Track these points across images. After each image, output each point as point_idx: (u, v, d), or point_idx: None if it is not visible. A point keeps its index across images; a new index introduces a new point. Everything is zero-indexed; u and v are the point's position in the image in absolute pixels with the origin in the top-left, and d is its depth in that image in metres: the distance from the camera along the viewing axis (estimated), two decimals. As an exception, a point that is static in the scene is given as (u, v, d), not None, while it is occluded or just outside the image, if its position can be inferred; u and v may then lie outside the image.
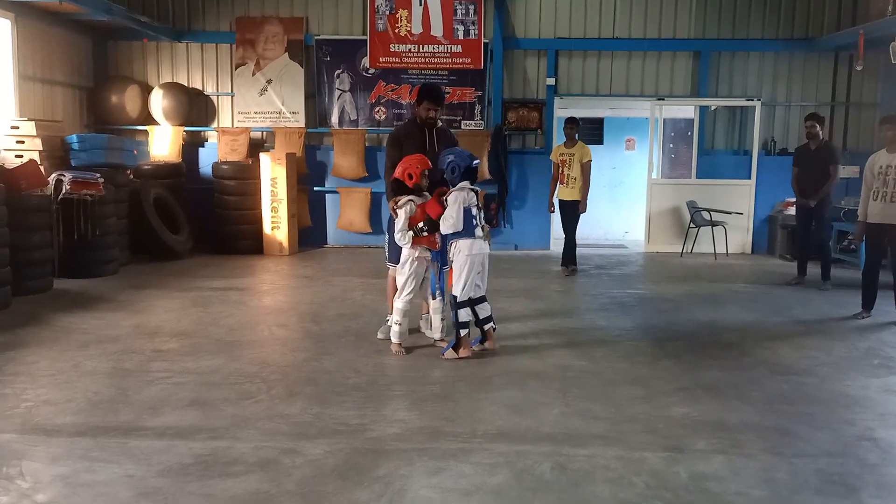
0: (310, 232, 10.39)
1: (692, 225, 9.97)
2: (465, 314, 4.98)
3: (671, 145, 11.58)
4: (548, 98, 10.37)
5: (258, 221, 9.75)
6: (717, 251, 9.90)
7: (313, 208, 10.46)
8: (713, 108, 10.47)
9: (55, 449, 3.49)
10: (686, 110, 10.91)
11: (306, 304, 6.69)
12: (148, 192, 9.09)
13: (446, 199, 4.98)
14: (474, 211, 4.97)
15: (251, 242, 9.78)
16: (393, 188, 5.23)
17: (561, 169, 8.43)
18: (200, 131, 10.56)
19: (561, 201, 8.50)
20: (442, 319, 5.32)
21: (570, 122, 8.40)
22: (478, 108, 10.36)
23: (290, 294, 7.25)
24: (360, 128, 10.38)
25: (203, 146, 10.60)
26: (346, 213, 10.40)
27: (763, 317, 6.38)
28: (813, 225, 7.71)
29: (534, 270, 8.71)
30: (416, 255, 5.14)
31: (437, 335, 5.36)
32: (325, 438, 3.62)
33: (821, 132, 7.64)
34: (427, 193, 5.20)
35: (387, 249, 5.56)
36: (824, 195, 7.49)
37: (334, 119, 10.45)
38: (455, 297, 4.99)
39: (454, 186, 4.99)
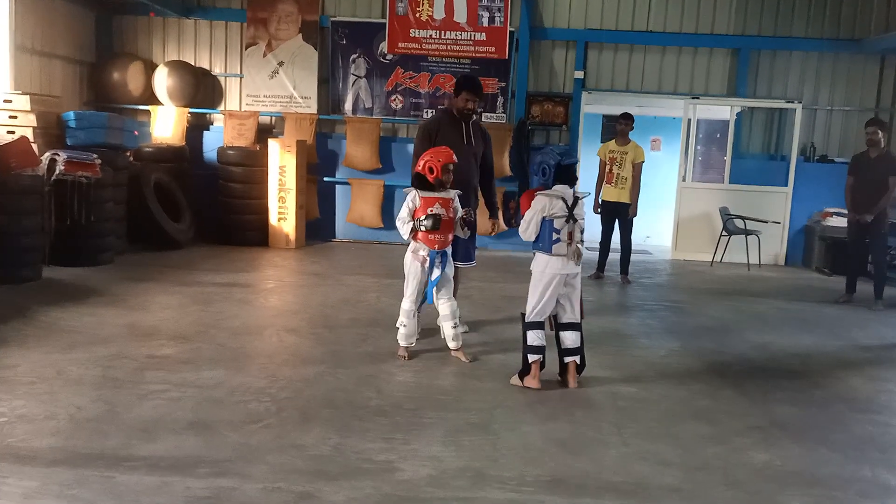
0: (318, 225, 9.81)
1: (724, 233, 9.39)
2: (534, 337, 4.29)
3: (699, 147, 10.99)
4: (575, 92, 9.78)
5: (264, 212, 9.17)
6: (749, 262, 9.32)
7: (322, 200, 9.87)
8: (738, 109, 9.88)
9: (27, 482, 2.91)
10: (717, 111, 10.32)
11: (317, 307, 6.11)
12: (148, 176, 8.49)
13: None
14: (559, 223, 4.24)
15: (256, 234, 9.20)
16: (413, 182, 4.68)
17: (609, 167, 7.86)
18: (206, 114, 9.96)
19: (606, 203, 7.93)
20: (453, 327, 4.75)
21: (626, 119, 7.85)
22: (500, 100, 9.76)
23: (299, 294, 6.67)
24: (374, 116, 9.79)
25: (208, 129, 10.01)
26: (357, 206, 9.81)
27: (821, 340, 5.81)
28: (867, 241, 7.13)
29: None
30: (413, 250, 4.65)
31: (451, 344, 4.80)
32: (348, 479, 3.05)
33: (883, 139, 7.05)
34: (451, 190, 4.65)
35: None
36: (882, 209, 6.90)
37: (348, 106, 9.85)
38: (523, 316, 4.37)
39: (548, 190, 4.32)
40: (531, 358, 4.30)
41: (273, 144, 9.06)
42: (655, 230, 11.47)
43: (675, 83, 9.81)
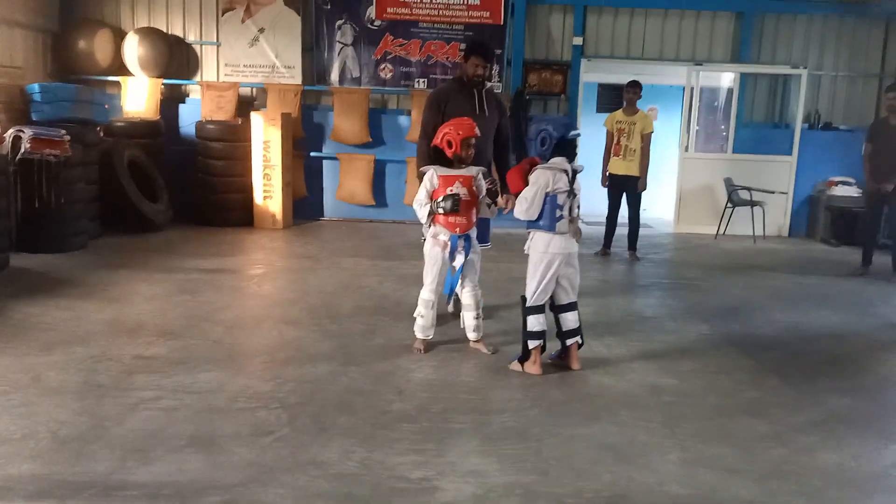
0: (305, 203, 9.28)
1: (729, 205, 9.06)
2: (534, 322, 3.99)
3: (701, 116, 10.62)
4: (573, 60, 9.31)
5: (248, 190, 8.64)
6: (755, 234, 9.01)
7: (309, 176, 9.34)
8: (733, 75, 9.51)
9: (5, 521, 2.47)
10: (716, 78, 9.91)
11: (316, 294, 5.65)
12: (122, 153, 7.91)
13: (530, 176, 3.96)
14: (561, 199, 3.92)
15: (240, 214, 8.67)
16: (429, 156, 4.24)
17: (617, 139, 7.44)
18: (181, 85, 9.32)
19: (613, 176, 7.52)
20: (476, 318, 4.35)
21: (633, 86, 7.41)
22: (496, 68, 9.26)
23: (294, 279, 6.19)
24: (363, 87, 9.24)
25: (184, 102, 9.38)
26: (346, 182, 9.30)
27: (850, 318, 5.51)
28: (886, 211, 6.83)
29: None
30: (433, 235, 4.20)
31: (471, 335, 4.40)
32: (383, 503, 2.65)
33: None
34: (473, 166, 4.22)
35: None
36: (903, 178, 6.60)
37: (334, 76, 9.28)
38: (524, 300, 4.01)
39: (545, 162, 3.96)
40: (532, 344, 4.00)
41: (256, 118, 8.50)
42: (652, 202, 11.08)
43: (678, 49, 9.39)
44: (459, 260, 4.21)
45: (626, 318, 5.28)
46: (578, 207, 4.07)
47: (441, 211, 4.07)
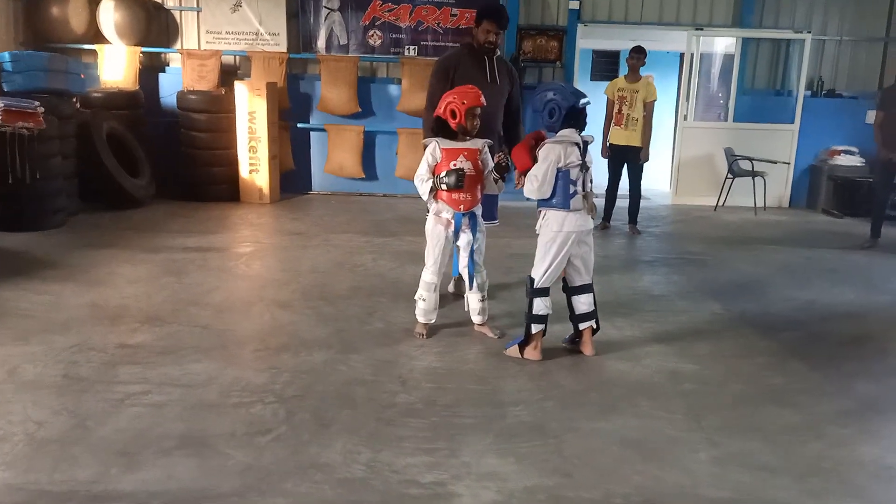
0: (292, 176, 8.94)
1: (729, 175, 8.83)
2: (541, 305, 3.76)
3: (700, 84, 10.32)
4: (569, 25, 8.96)
5: (233, 163, 8.28)
6: (754, 205, 8.80)
7: (296, 149, 8.98)
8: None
9: (-24, 542, 2.21)
10: (717, 44, 9.61)
11: (308, 274, 5.37)
12: (100, 125, 7.52)
13: (538, 151, 3.70)
14: (574, 173, 3.66)
15: (225, 188, 8.32)
16: (433, 127, 3.95)
17: (618, 107, 7.14)
18: (161, 53, 8.90)
19: (614, 146, 7.23)
20: (481, 300, 4.11)
21: (638, 52, 7.08)
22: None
23: (284, 258, 5.89)
24: (351, 54, 8.86)
25: (164, 71, 8.95)
26: (335, 154, 8.96)
27: (865, 295, 5.31)
28: (896, 181, 6.64)
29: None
30: (436, 212, 3.92)
31: (476, 318, 4.16)
32: (395, 513, 2.42)
33: (916, 71, 6.47)
34: (478, 139, 3.95)
35: None
36: (916, 147, 6.38)
37: (321, 43, 8.88)
38: (532, 282, 3.77)
39: (554, 134, 3.69)
40: (535, 328, 3.77)
41: (240, 88, 8.12)
42: (647, 173, 10.85)
43: (678, 13, 9.05)
44: (464, 239, 3.95)
45: (634, 297, 5.06)
46: (591, 181, 3.82)
47: (444, 187, 3.80)
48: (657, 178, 10.22)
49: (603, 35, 9.73)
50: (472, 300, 4.11)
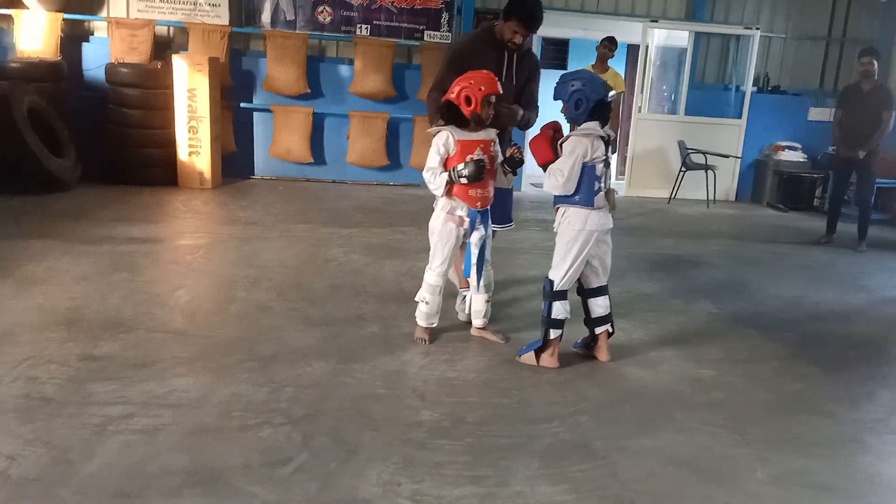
0: (234, 159, 8.35)
1: (683, 168, 8.88)
2: (560, 309, 3.53)
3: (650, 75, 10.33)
4: (527, 10, 8.72)
5: (170, 144, 7.64)
6: (707, 198, 8.89)
7: (238, 130, 8.40)
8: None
9: None
10: (669, 37, 9.63)
11: (277, 269, 4.93)
12: (20, 99, 6.73)
13: (561, 145, 3.43)
14: (600, 169, 3.44)
15: (161, 171, 7.67)
16: (441, 113, 3.59)
17: None
18: (84, 20, 8.08)
19: None
20: (486, 301, 3.83)
21: (610, 42, 6.92)
22: (445, 16, 8.57)
23: (246, 251, 5.38)
24: (299, 31, 8.32)
25: (88, 41, 8.15)
26: (281, 137, 8.43)
27: (842, 292, 5.36)
28: (854, 178, 6.76)
29: (524, 220, 7.28)
30: (448, 210, 3.61)
31: (478, 321, 3.89)
32: (463, 560, 2.12)
33: (876, 71, 6.58)
34: (490, 130, 3.64)
35: None
36: (874, 145, 6.50)
37: (266, 18, 8.30)
38: (551, 284, 3.52)
39: (578, 127, 3.44)
40: (553, 333, 3.54)
41: (179, 62, 7.46)
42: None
43: (633, 4, 9.00)
44: (476, 235, 3.66)
45: (628, 297, 4.89)
46: (610, 178, 3.62)
47: (463, 180, 3.47)
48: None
49: (552, 22, 9.51)
50: (477, 302, 3.82)
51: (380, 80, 8.34)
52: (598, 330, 3.68)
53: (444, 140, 3.51)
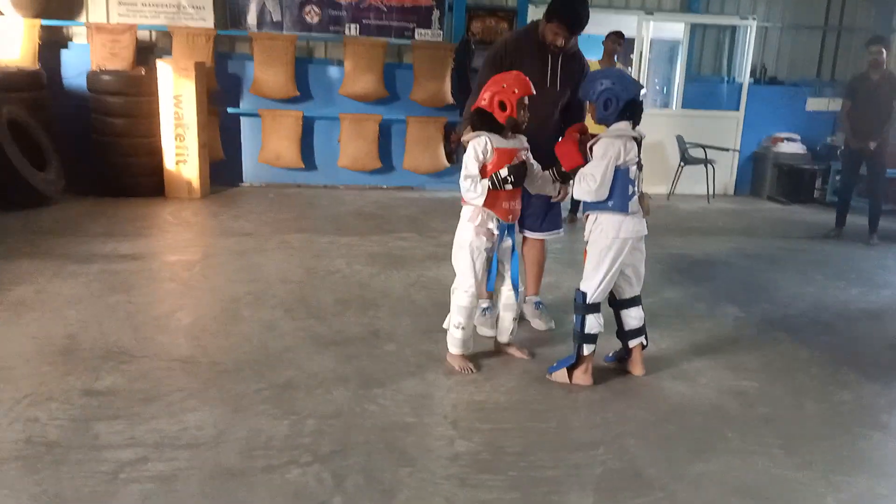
0: (221, 166, 8.04)
1: (682, 163, 8.72)
2: (594, 323, 3.33)
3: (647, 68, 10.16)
4: (520, 5, 8.51)
5: (157, 153, 7.32)
6: (707, 193, 8.74)
7: (226, 136, 8.10)
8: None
9: None
10: (664, 29, 9.47)
11: (279, 284, 4.67)
12: (-2, 110, 6.42)
13: (590, 148, 3.23)
14: (633, 172, 3.24)
15: (147, 181, 7.35)
16: (473, 120, 3.36)
17: None
18: (63, 26, 7.75)
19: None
20: (514, 318, 3.61)
21: (618, 36, 6.71)
22: (436, 14, 8.33)
23: (244, 265, 5.11)
24: (286, 32, 8.04)
25: (67, 47, 7.82)
26: (270, 142, 8.14)
27: (865, 289, 5.21)
28: (865, 170, 6.62)
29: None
30: (479, 223, 3.38)
31: (504, 338, 3.67)
32: None
33: (886, 60, 6.44)
34: (522, 137, 3.41)
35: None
36: (886, 136, 6.37)
37: (251, 19, 8.01)
38: (583, 297, 3.31)
39: (608, 128, 3.24)
40: (587, 349, 3.34)
41: (164, 67, 7.15)
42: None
43: (628, -5, 8.83)
44: (506, 244, 3.45)
45: (648, 302, 4.57)
46: (643, 181, 3.42)
47: (509, 186, 3.24)
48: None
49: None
50: (506, 318, 3.60)
51: (371, 80, 8.08)
52: (631, 343, 3.49)
53: (482, 146, 3.27)
